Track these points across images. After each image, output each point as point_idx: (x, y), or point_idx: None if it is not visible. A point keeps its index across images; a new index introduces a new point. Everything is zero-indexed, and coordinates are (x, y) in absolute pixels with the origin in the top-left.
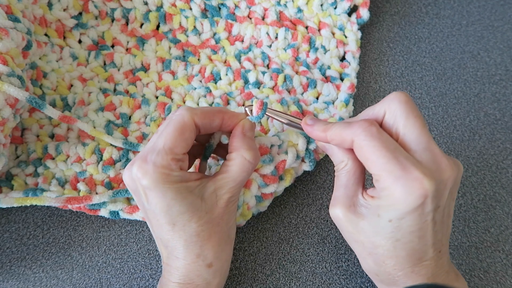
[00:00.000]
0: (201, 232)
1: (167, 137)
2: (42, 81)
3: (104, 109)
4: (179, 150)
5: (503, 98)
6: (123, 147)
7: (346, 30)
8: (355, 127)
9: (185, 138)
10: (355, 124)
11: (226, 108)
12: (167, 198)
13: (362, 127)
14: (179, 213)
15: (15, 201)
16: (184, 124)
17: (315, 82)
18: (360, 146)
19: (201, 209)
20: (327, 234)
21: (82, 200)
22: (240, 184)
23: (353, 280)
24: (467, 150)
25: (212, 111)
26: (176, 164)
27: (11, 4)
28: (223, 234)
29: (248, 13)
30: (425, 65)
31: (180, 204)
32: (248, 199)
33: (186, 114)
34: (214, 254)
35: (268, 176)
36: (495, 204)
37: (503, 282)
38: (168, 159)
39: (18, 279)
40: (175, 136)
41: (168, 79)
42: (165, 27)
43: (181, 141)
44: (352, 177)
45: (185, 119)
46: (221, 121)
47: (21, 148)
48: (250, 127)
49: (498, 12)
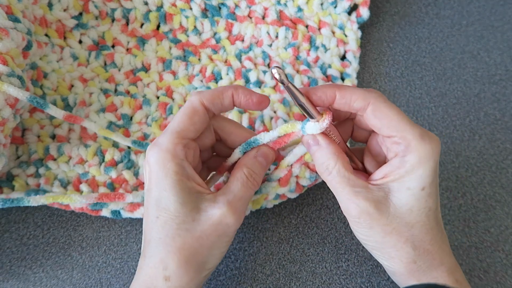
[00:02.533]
0: (176, 237)
1: (176, 121)
2: (42, 82)
3: (105, 110)
4: (186, 134)
5: (503, 98)
6: (132, 146)
7: (346, 29)
8: (370, 91)
9: (194, 122)
10: (369, 90)
11: (237, 85)
12: (161, 187)
13: (378, 92)
14: (165, 208)
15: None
16: (193, 108)
17: (316, 82)
18: (380, 108)
19: (189, 214)
20: (327, 234)
21: (114, 197)
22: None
23: (353, 280)
24: (467, 150)
25: (221, 90)
26: (182, 150)
27: (11, 4)
28: (197, 254)
29: (248, 13)
30: (425, 65)
31: (171, 198)
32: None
33: (195, 98)
34: (176, 268)
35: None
36: (495, 204)
37: (503, 282)
38: (174, 142)
39: (18, 279)
40: (183, 119)
41: (169, 79)
42: (166, 27)
43: (189, 124)
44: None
45: (194, 103)
46: (231, 98)
47: (22, 148)
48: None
49: (498, 12)
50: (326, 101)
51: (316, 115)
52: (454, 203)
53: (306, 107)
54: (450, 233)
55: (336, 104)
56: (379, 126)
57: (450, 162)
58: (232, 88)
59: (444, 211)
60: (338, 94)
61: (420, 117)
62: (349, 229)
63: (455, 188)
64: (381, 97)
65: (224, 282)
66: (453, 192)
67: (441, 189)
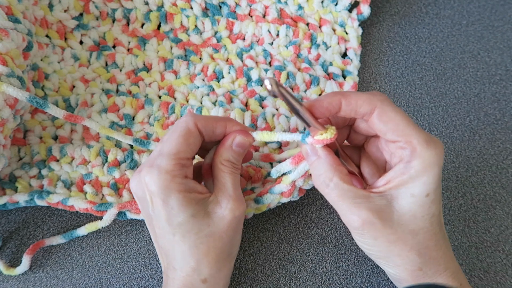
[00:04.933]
0: (199, 244)
1: (172, 143)
2: (44, 83)
3: (107, 111)
4: (184, 155)
5: (503, 98)
6: (134, 144)
7: (347, 27)
8: (375, 94)
9: (189, 143)
10: (374, 93)
11: (232, 120)
12: (169, 207)
13: (384, 95)
14: (179, 224)
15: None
16: (188, 129)
17: (318, 80)
18: (386, 112)
19: (202, 222)
20: (327, 234)
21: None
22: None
23: (353, 280)
24: (467, 150)
25: (215, 118)
26: (180, 170)
27: (11, 5)
28: (223, 251)
29: (249, 11)
30: (425, 65)
31: (181, 215)
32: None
33: (190, 120)
34: (209, 270)
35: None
36: (495, 204)
37: (503, 282)
38: (172, 164)
39: (18, 279)
40: (180, 141)
41: (171, 78)
42: (166, 26)
43: (185, 146)
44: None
45: (189, 125)
46: (224, 129)
47: (24, 149)
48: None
49: (498, 12)
50: (333, 110)
51: (319, 127)
52: (454, 203)
53: (308, 120)
54: (450, 233)
55: (342, 112)
56: (384, 130)
57: (450, 162)
58: (227, 120)
59: (444, 211)
60: (344, 101)
61: (420, 117)
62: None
63: (455, 188)
64: (386, 101)
65: None
66: (453, 192)
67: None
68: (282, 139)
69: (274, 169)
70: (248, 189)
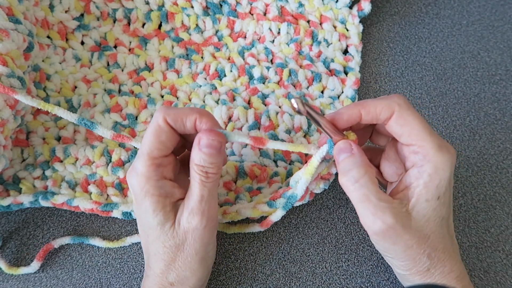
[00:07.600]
0: (164, 254)
1: (145, 142)
2: (45, 84)
3: (110, 111)
4: (158, 153)
5: (503, 98)
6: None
7: (347, 24)
8: (395, 99)
9: (161, 140)
10: (392, 96)
11: (202, 109)
12: (143, 209)
13: (402, 98)
14: (150, 228)
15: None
16: (159, 127)
17: (320, 76)
18: (403, 116)
19: (168, 233)
20: (327, 234)
21: None
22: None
23: (353, 280)
24: (467, 150)
25: (186, 112)
26: (155, 171)
27: (12, 6)
28: (192, 259)
29: (249, 9)
30: (425, 65)
31: (151, 221)
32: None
33: (159, 116)
34: (176, 276)
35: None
36: (495, 204)
37: (503, 282)
38: (147, 165)
39: (18, 279)
40: (151, 140)
41: (173, 77)
42: (167, 26)
43: (158, 144)
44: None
45: (159, 121)
46: (194, 123)
47: (28, 151)
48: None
49: (498, 12)
50: (354, 121)
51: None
52: (454, 203)
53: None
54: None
55: (363, 121)
56: (399, 133)
57: None
58: (197, 113)
59: None
60: (363, 111)
61: None
62: (349, 229)
63: (455, 188)
64: (405, 104)
65: (224, 282)
66: (453, 192)
67: None
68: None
69: (292, 179)
70: (255, 188)
